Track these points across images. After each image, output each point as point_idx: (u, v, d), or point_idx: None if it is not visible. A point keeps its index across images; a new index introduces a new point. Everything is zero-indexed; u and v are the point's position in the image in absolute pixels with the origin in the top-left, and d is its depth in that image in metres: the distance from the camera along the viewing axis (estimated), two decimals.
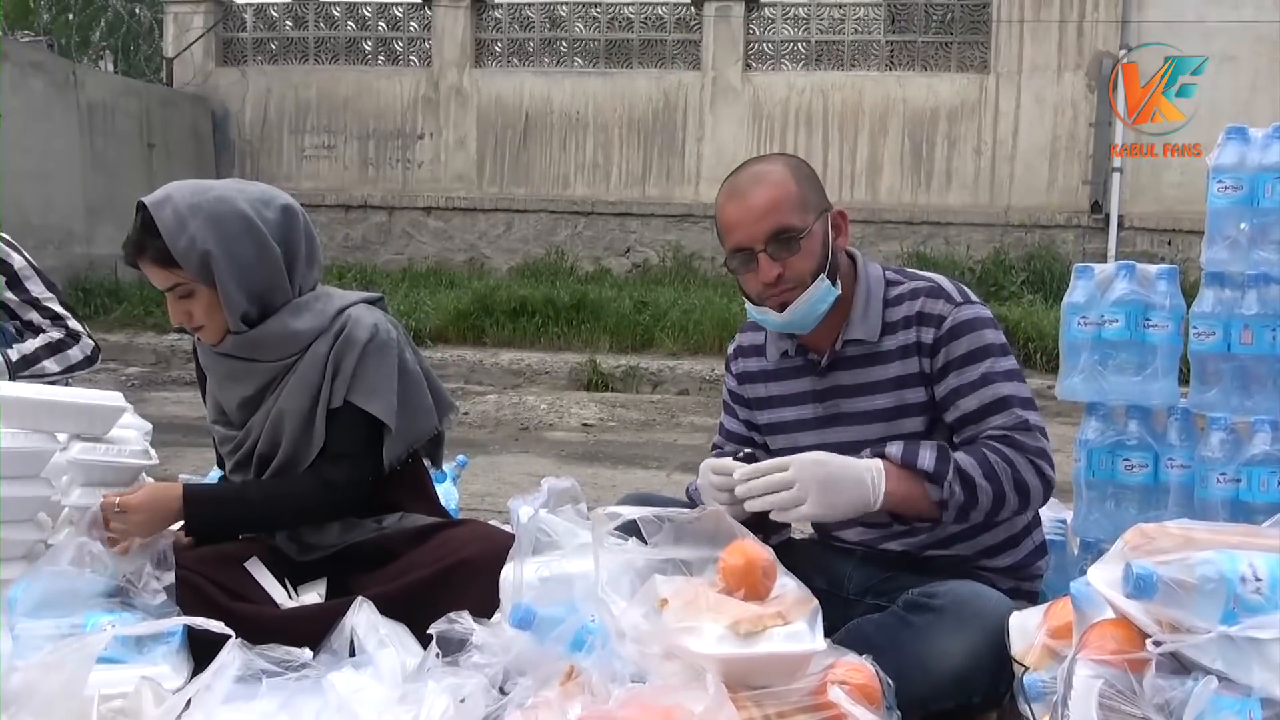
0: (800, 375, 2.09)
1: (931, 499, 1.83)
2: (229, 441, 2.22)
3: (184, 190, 2.07)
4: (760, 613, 1.57)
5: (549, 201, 12.15)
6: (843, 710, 1.47)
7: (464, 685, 1.62)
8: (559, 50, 12.48)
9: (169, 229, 2.02)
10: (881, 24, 11.83)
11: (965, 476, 1.83)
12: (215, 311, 2.09)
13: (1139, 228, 11.03)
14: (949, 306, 1.97)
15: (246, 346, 2.13)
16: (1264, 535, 1.40)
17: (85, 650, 1.52)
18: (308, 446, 2.14)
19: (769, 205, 1.92)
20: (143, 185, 11.54)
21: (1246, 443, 2.11)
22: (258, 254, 2.08)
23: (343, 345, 2.12)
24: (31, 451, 2.09)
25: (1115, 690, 1.31)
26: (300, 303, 2.15)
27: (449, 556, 2.08)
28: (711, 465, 1.97)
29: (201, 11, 12.62)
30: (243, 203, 2.08)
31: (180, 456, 4.25)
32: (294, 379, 2.14)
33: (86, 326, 3.01)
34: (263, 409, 2.16)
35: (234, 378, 2.18)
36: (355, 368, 2.12)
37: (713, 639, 1.53)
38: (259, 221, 2.07)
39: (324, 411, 2.13)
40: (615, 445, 6.05)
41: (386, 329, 2.17)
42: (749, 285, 1.98)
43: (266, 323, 2.12)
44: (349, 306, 2.18)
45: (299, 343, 2.13)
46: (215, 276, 2.04)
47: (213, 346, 2.16)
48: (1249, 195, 2.15)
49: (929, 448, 1.85)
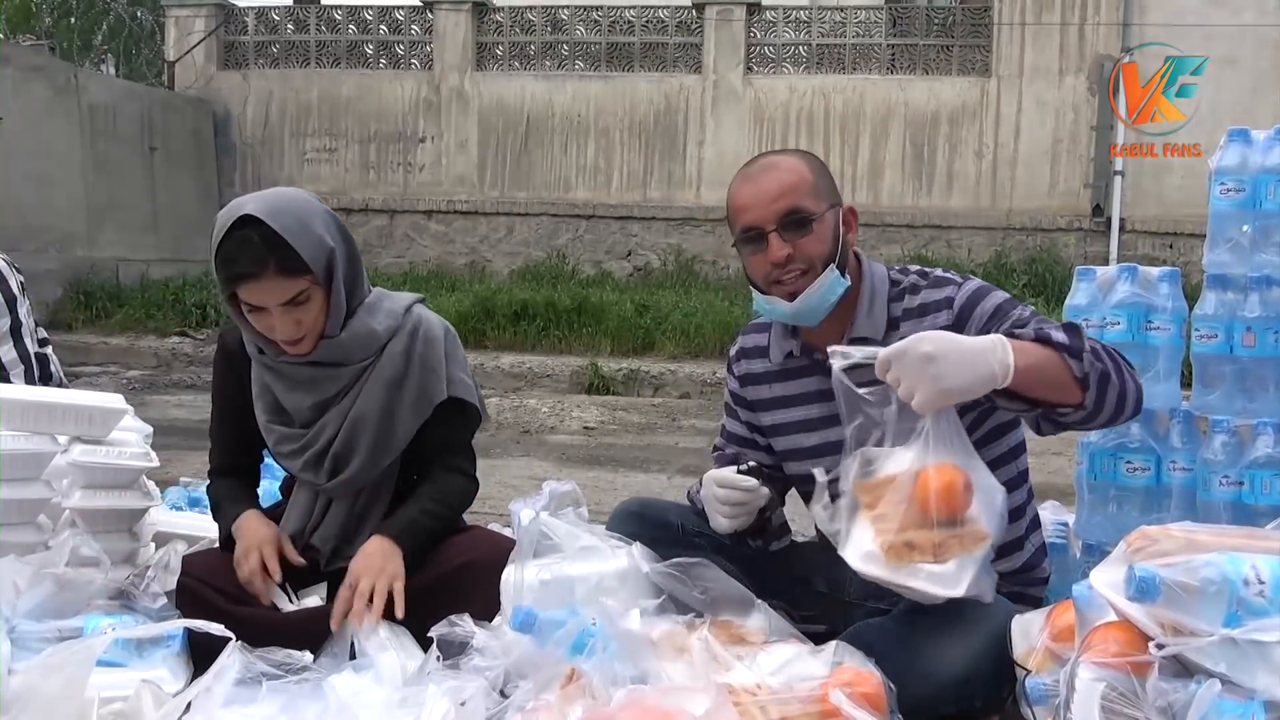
0: (806, 375, 2.09)
1: (1073, 372, 1.71)
2: (292, 440, 2.17)
3: (277, 198, 2.03)
4: (915, 541, 1.64)
5: (550, 205, 12.17)
6: (845, 715, 1.47)
7: (465, 688, 1.62)
8: (560, 53, 12.49)
9: (295, 234, 1.96)
10: (883, 27, 11.85)
11: (1096, 350, 1.75)
12: (322, 316, 2.06)
13: (1140, 231, 11.03)
14: (954, 288, 1.98)
15: (334, 351, 2.10)
16: (1267, 538, 1.40)
17: (85, 653, 1.51)
18: (387, 445, 2.13)
19: (782, 188, 1.93)
20: (144, 188, 11.58)
21: (1249, 445, 2.10)
22: (349, 249, 2.10)
23: (424, 343, 2.15)
24: (32, 454, 2.09)
25: (1118, 693, 1.31)
26: (371, 302, 2.16)
27: (451, 561, 2.08)
28: (715, 478, 1.96)
29: (203, 15, 12.65)
30: (317, 200, 2.09)
31: (181, 460, 4.25)
32: (371, 380, 2.13)
33: (55, 364, 2.85)
34: (336, 409, 2.13)
35: (312, 384, 2.14)
36: (447, 362, 2.16)
37: (859, 553, 1.65)
38: (337, 217, 2.11)
39: (412, 408, 2.13)
40: (616, 448, 6.05)
41: (449, 325, 2.23)
42: (757, 269, 1.97)
43: (350, 324, 2.11)
44: (412, 305, 2.21)
45: (378, 342, 2.13)
46: (335, 274, 2.04)
47: (299, 357, 2.10)
48: (1251, 198, 2.14)
49: (1055, 327, 1.77)
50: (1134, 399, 1.79)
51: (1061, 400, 1.75)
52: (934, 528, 1.65)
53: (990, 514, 1.68)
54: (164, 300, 10.30)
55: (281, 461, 2.23)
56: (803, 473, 2.11)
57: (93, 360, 8.93)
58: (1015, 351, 1.67)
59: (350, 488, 2.16)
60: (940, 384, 1.64)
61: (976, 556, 1.66)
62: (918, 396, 1.64)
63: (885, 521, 1.67)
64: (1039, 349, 1.71)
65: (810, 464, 2.08)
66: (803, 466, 2.10)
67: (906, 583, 1.66)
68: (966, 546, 1.66)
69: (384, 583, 1.96)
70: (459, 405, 2.18)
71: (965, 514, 1.66)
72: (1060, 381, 1.72)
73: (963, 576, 1.64)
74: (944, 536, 1.65)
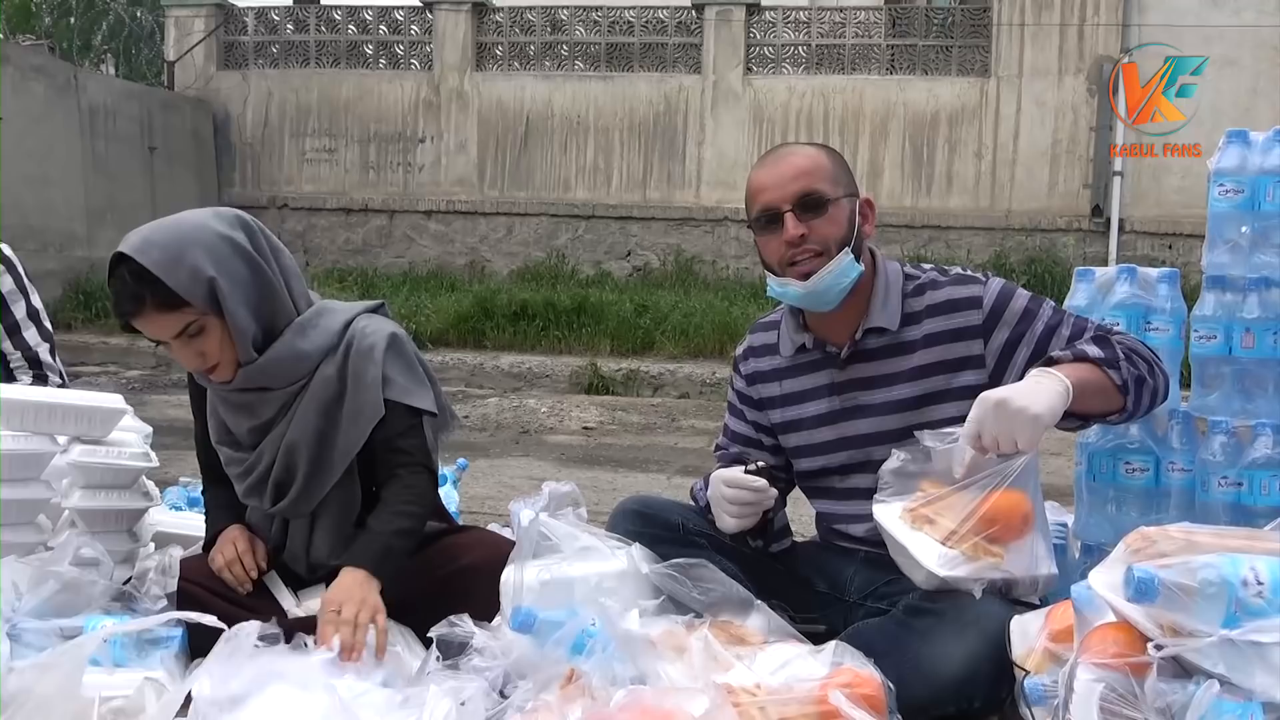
0: (817, 369, 2.09)
1: (1114, 382, 1.83)
2: (238, 464, 2.15)
3: (157, 230, 1.97)
4: (937, 519, 1.75)
5: (550, 205, 12.17)
6: (845, 715, 1.47)
7: (464, 688, 1.62)
8: (560, 54, 12.49)
9: (164, 268, 1.91)
10: (882, 28, 11.84)
11: (1129, 354, 1.86)
12: (227, 344, 2.00)
13: (1140, 231, 11.04)
14: (979, 286, 2.01)
15: (256, 376, 2.04)
16: (1265, 539, 1.40)
17: (80, 651, 1.51)
18: (325, 469, 2.08)
19: (799, 171, 1.97)
20: (144, 189, 11.58)
21: (1248, 446, 2.10)
22: (251, 271, 2.00)
23: (356, 360, 2.07)
24: (32, 454, 2.09)
25: (1116, 694, 1.31)
26: (303, 321, 2.08)
27: (451, 563, 2.08)
28: (724, 478, 1.97)
29: (203, 15, 12.64)
30: (216, 224, 1.99)
31: (181, 459, 4.24)
32: (304, 405, 2.07)
33: (58, 359, 2.93)
34: (274, 433, 2.09)
35: (245, 409, 2.10)
36: (383, 373, 2.07)
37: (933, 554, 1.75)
38: (240, 238, 2.00)
39: (349, 429, 2.06)
40: (616, 449, 6.05)
41: (396, 329, 2.14)
42: (771, 250, 1.99)
43: (274, 347, 2.04)
44: (353, 320, 2.13)
45: (308, 364, 2.07)
46: (222, 303, 1.95)
47: (224, 385, 2.07)
48: (1250, 199, 2.14)
49: (1086, 341, 1.88)
50: (1164, 391, 1.93)
51: (1107, 409, 1.87)
52: (971, 521, 1.74)
53: (1021, 554, 1.78)
54: None
55: (237, 486, 2.18)
56: (814, 468, 2.12)
57: (92, 360, 8.93)
58: (1064, 373, 1.78)
59: (295, 512, 2.12)
60: (1030, 412, 1.72)
61: (980, 565, 1.74)
62: (1021, 438, 1.72)
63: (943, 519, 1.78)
64: (1082, 369, 1.82)
65: (823, 459, 2.09)
66: (815, 462, 2.11)
67: (902, 540, 1.79)
68: (977, 551, 1.74)
69: (365, 615, 1.85)
70: (399, 409, 2.09)
71: (1006, 534, 1.76)
72: (1105, 392, 1.84)
73: (952, 563, 1.73)
74: (968, 531, 1.74)
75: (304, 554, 2.15)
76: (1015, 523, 1.77)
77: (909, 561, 1.81)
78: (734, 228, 11.55)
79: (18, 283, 2.90)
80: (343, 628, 1.81)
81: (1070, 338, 1.95)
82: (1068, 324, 1.98)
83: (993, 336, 1.98)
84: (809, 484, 2.17)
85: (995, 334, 1.98)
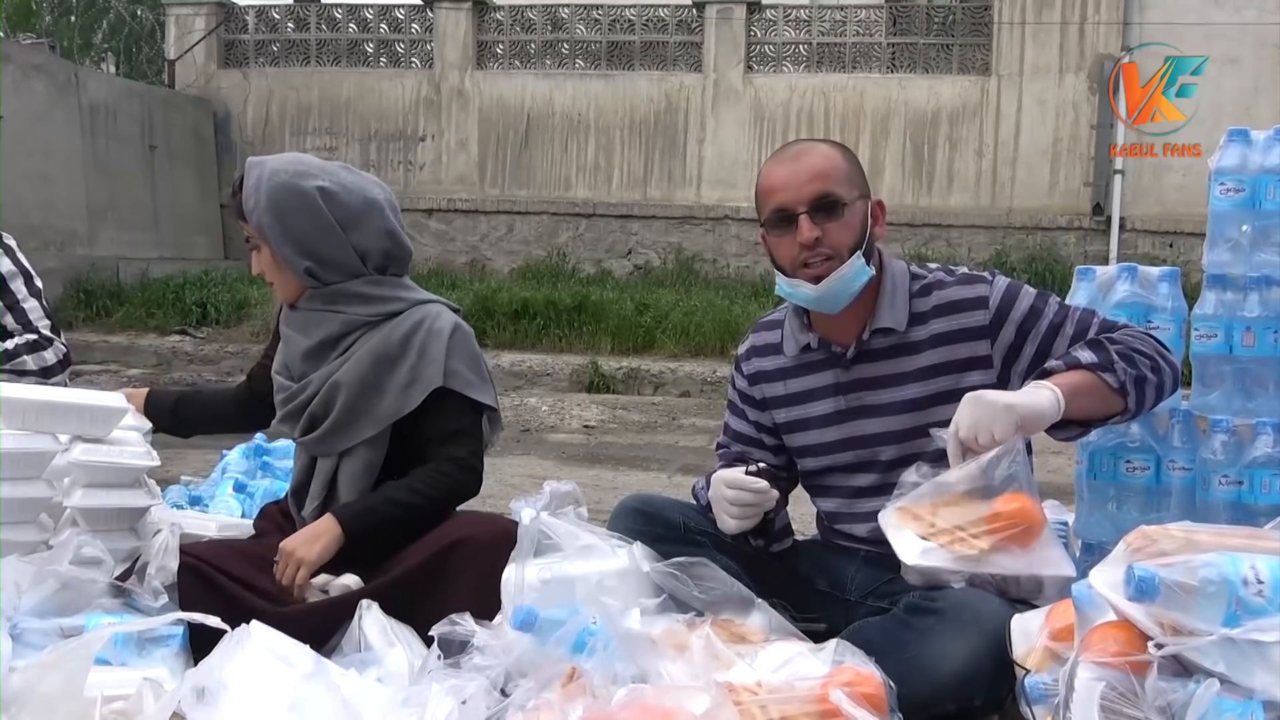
0: (822, 369, 2.08)
1: (1110, 385, 1.83)
2: (283, 390, 2.30)
3: (286, 161, 2.24)
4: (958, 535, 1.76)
5: (550, 203, 12.17)
6: (845, 714, 1.47)
7: (465, 687, 1.62)
8: (560, 52, 12.49)
9: (249, 189, 2.21)
10: (883, 26, 11.84)
11: (1123, 354, 1.86)
12: (276, 269, 2.25)
13: (1140, 230, 11.03)
14: (985, 286, 2.00)
15: (324, 298, 2.25)
16: (1266, 537, 1.40)
17: (84, 650, 1.51)
18: (364, 416, 2.20)
19: (815, 172, 1.95)
20: (144, 187, 11.58)
21: (1248, 445, 2.10)
22: (311, 220, 2.19)
23: (427, 334, 2.20)
24: (33, 452, 2.09)
25: (1117, 693, 1.31)
26: (381, 279, 2.26)
27: (446, 537, 2.09)
28: (725, 479, 1.97)
29: (203, 14, 12.64)
30: (312, 180, 2.20)
31: (182, 458, 4.25)
32: (360, 351, 2.21)
33: (62, 335, 3.04)
34: (325, 368, 2.24)
35: (306, 327, 2.27)
36: (446, 355, 2.19)
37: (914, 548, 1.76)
38: (313, 194, 2.19)
39: (402, 389, 2.18)
40: (616, 447, 6.05)
41: (467, 326, 2.30)
42: (784, 251, 1.97)
43: (346, 283, 2.24)
44: (429, 301, 2.29)
45: (373, 308, 2.23)
46: (266, 239, 2.21)
47: (288, 304, 2.30)
48: (1251, 197, 2.14)
49: (1081, 347, 1.89)
50: (1171, 384, 1.93)
51: (1109, 412, 1.88)
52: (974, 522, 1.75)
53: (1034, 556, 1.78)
54: (164, 299, 10.30)
55: (278, 412, 2.34)
56: (819, 468, 2.12)
57: (93, 359, 8.92)
58: (1054, 383, 1.80)
59: (321, 448, 2.25)
60: (1002, 401, 1.75)
61: (958, 556, 1.75)
62: (996, 428, 1.74)
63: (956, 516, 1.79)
64: (1074, 375, 1.82)
65: (829, 459, 2.09)
66: (820, 461, 2.11)
67: (890, 536, 1.80)
68: (954, 543, 1.75)
69: (293, 565, 2.06)
70: (457, 398, 2.20)
71: (1022, 538, 1.76)
72: (1102, 395, 1.85)
73: (928, 554, 1.75)
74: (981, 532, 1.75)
75: (320, 495, 2.24)
76: (1025, 525, 1.76)
77: (898, 558, 1.82)
78: (735, 226, 11.55)
79: (15, 263, 2.99)
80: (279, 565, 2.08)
81: (1074, 336, 1.95)
82: (1072, 321, 1.97)
83: (999, 336, 1.98)
84: (813, 483, 2.17)
85: (1002, 333, 1.98)
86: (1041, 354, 1.95)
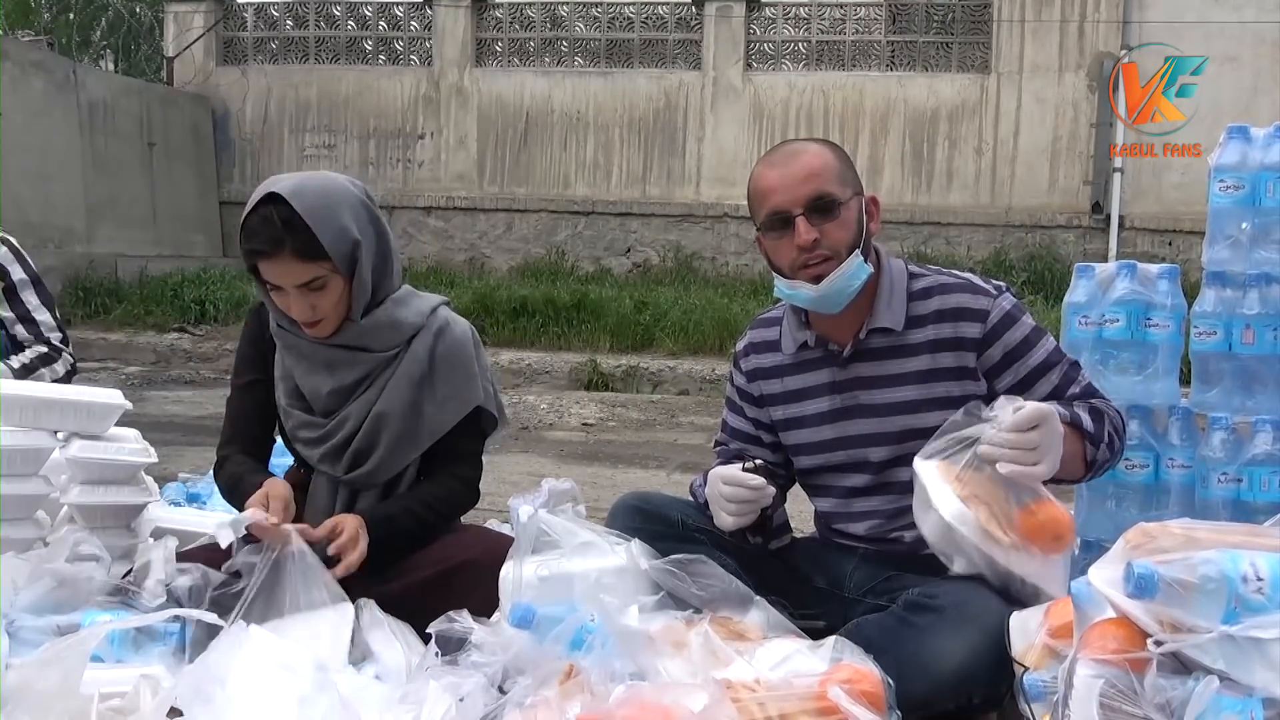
0: (819, 367, 2.08)
1: (1085, 458, 1.87)
2: (312, 428, 2.15)
3: (309, 180, 2.02)
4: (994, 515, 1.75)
5: (549, 201, 12.16)
6: (844, 711, 1.46)
7: (463, 684, 1.62)
8: (560, 50, 12.48)
9: (317, 218, 1.95)
10: (882, 24, 11.84)
11: (1112, 435, 1.90)
12: (342, 303, 2.05)
13: (1140, 228, 11.03)
14: (988, 300, 1.98)
15: (357, 335, 2.10)
16: (1265, 535, 1.40)
17: (80, 647, 1.51)
18: (411, 442, 2.13)
19: (809, 172, 1.93)
20: (143, 184, 11.57)
21: (1247, 443, 2.11)
22: (381, 242, 2.09)
23: (448, 346, 2.15)
24: (30, 449, 2.09)
25: (1116, 690, 1.31)
26: (400, 296, 2.16)
27: (451, 559, 2.08)
28: (722, 475, 1.96)
29: (202, 11, 12.63)
30: (354, 188, 2.06)
31: (180, 456, 4.25)
32: (396, 377, 2.12)
33: (70, 346, 3.05)
34: (359, 402, 2.12)
35: (332, 366, 2.13)
36: (479, 370, 2.17)
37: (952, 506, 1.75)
38: (374, 206, 2.09)
39: (442, 406, 2.14)
40: (615, 445, 6.05)
41: (470, 325, 2.24)
42: (782, 253, 1.96)
43: (375, 312, 2.10)
44: (438, 306, 2.21)
45: (403, 334, 2.13)
46: (358, 266, 2.03)
47: (325, 338, 2.10)
48: (1250, 195, 2.15)
49: (1081, 408, 1.90)
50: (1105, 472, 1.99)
51: (1064, 477, 1.87)
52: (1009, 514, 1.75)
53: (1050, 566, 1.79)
54: (162, 296, 10.30)
55: (298, 447, 2.20)
56: (814, 466, 2.12)
57: (91, 356, 8.91)
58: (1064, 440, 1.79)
59: (369, 482, 2.15)
60: (1054, 461, 1.75)
61: (986, 537, 1.75)
62: (1044, 465, 1.73)
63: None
64: (1074, 435, 1.84)
65: (823, 457, 2.08)
66: (815, 460, 2.10)
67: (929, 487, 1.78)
68: (990, 523, 1.74)
69: (356, 555, 1.97)
70: (485, 418, 2.21)
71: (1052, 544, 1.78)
72: (1074, 462, 1.85)
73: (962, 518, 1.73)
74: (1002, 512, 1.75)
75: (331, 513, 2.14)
76: (1056, 534, 1.79)
77: (923, 506, 1.81)
78: (734, 224, 11.55)
79: (26, 270, 3.00)
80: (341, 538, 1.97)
81: (1058, 385, 1.95)
82: (1059, 370, 1.97)
83: (985, 354, 1.97)
84: (808, 482, 2.17)
85: (989, 352, 1.97)
86: (1020, 386, 1.95)
